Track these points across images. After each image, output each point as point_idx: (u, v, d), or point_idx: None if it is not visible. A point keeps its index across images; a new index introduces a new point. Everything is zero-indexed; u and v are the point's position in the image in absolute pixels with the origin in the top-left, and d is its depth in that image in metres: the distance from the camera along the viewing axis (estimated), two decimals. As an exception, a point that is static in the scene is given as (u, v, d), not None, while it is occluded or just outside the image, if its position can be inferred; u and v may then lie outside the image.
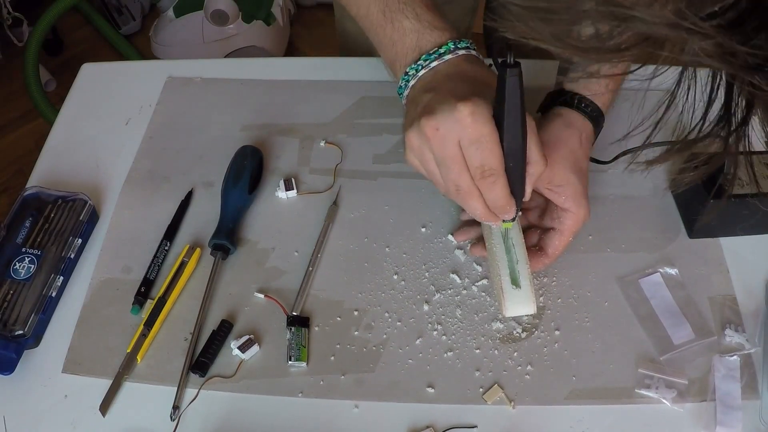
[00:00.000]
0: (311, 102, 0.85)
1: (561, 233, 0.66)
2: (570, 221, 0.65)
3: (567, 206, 0.64)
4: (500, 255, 0.62)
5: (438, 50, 0.60)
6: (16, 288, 0.66)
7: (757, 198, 0.69)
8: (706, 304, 0.68)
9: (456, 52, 0.59)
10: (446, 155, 0.54)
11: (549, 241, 0.66)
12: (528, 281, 0.60)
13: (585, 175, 0.66)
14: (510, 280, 0.60)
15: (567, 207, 0.64)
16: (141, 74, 0.91)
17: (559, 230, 0.66)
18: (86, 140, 0.83)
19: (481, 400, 0.62)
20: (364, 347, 0.65)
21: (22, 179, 1.22)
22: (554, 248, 0.66)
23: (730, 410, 0.60)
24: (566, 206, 0.64)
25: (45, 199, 0.73)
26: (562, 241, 0.66)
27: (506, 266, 0.61)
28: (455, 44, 0.60)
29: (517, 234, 0.63)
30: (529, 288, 0.60)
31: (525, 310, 0.61)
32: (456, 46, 0.60)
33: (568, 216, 0.65)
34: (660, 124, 0.53)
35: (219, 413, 0.62)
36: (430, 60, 0.59)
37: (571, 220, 0.65)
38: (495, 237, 0.63)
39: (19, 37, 1.97)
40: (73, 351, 0.65)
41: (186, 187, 0.77)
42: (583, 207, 0.65)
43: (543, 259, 0.67)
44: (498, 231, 0.63)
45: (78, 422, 0.61)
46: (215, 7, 1.94)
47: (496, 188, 0.55)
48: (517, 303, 0.60)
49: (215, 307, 0.68)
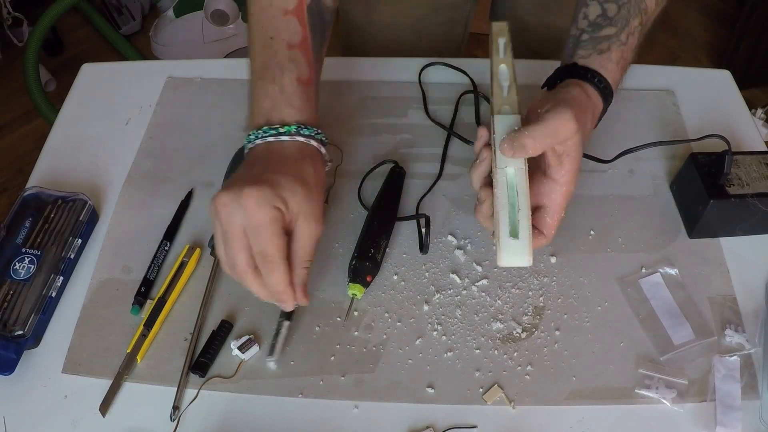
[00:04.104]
0: (311, 102, 0.85)
1: (553, 212, 0.61)
2: (560, 197, 0.60)
3: (563, 180, 0.60)
4: (502, 202, 0.58)
5: (278, 128, 0.59)
6: (16, 288, 0.66)
7: (757, 198, 0.69)
8: (706, 304, 0.68)
9: (295, 137, 0.59)
10: (230, 233, 0.55)
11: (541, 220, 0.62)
12: (527, 233, 0.57)
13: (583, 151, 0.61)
14: (509, 230, 0.57)
15: (562, 181, 0.60)
16: (141, 74, 0.92)
17: (550, 208, 0.61)
18: (86, 140, 0.83)
19: (481, 401, 0.62)
20: (364, 347, 0.65)
21: (22, 179, 1.22)
22: (549, 228, 0.62)
23: (730, 410, 0.60)
24: (562, 180, 0.60)
25: (45, 200, 0.73)
26: (555, 219, 0.61)
27: (506, 215, 0.58)
28: (298, 128, 0.60)
29: (522, 182, 0.58)
30: (526, 240, 0.57)
31: (519, 261, 0.57)
32: (298, 131, 0.60)
33: (558, 192, 0.60)
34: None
35: (219, 413, 0.62)
36: (268, 134, 0.59)
37: (562, 196, 0.60)
38: (501, 183, 0.59)
39: (19, 37, 1.97)
40: (73, 351, 0.65)
41: (186, 187, 0.77)
42: (575, 183, 0.60)
43: (539, 239, 0.62)
44: (504, 178, 0.59)
45: (78, 422, 0.61)
46: (215, 7, 1.95)
47: (273, 275, 0.55)
48: (513, 254, 0.57)
49: (215, 307, 0.68)
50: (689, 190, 0.73)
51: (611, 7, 0.66)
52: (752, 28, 1.94)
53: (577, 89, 0.62)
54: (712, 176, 0.70)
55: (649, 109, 0.85)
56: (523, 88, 0.64)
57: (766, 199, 0.69)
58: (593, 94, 0.63)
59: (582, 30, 0.66)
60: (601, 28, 0.65)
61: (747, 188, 0.69)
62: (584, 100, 0.61)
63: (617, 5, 0.66)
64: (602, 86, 0.63)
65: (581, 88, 0.62)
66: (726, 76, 0.90)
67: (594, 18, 0.66)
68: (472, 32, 1.10)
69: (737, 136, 0.81)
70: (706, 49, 2.22)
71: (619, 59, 0.65)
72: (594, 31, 0.65)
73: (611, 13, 0.65)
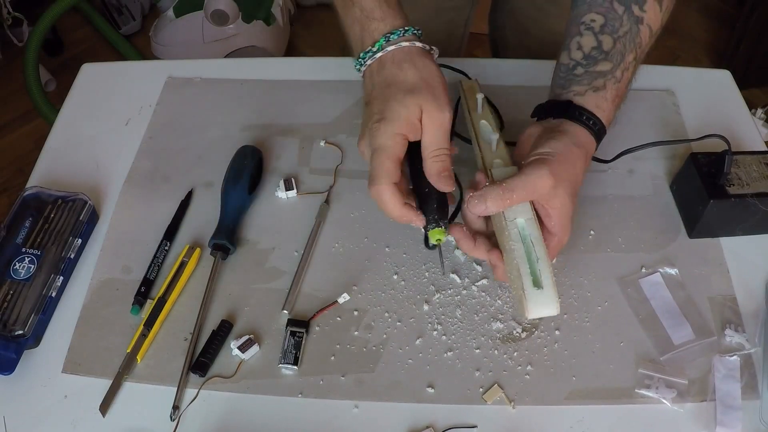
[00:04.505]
0: (311, 102, 0.85)
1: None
2: (552, 244, 0.61)
3: (554, 230, 0.61)
4: (519, 254, 0.58)
5: (371, 49, 0.63)
6: (16, 288, 0.66)
7: (757, 198, 0.69)
8: (706, 304, 0.68)
9: (386, 48, 0.62)
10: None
11: None
12: (550, 280, 0.57)
13: (576, 197, 0.62)
14: (531, 281, 0.57)
15: (554, 231, 0.61)
16: (141, 74, 0.92)
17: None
18: (86, 140, 0.83)
19: (481, 400, 0.62)
20: (364, 347, 0.65)
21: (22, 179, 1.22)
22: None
23: (730, 410, 0.60)
24: (554, 230, 0.61)
25: (45, 199, 0.73)
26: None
27: (527, 266, 0.57)
28: (386, 38, 0.62)
29: (534, 231, 0.59)
30: (551, 288, 0.57)
31: (548, 311, 0.57)
32: (387, 40, 0.62)
33: (551, 239, 0.61)
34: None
35: (219, 413, 0.62)
36: (366, 58, 0.63)
37: (554, 243, 0.61)
38: (513, 236, 0.59)
39: (19, 37, 1.97)
40: (73, 351, 0.65)
41: (186, 187, 0.77)
42: (567, 232, 0.61)
43: None
44: (516, 230, 0.59)
45: (78, 422, 0.61)
46: (215, 7, 1.94)
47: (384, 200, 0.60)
48: (540, 304, 0.56)
49: (215, 307, 0.68)
50: (689, 190, 0.73)
51: (607, 40, 0.65)
52: (752, 28, 1.94)
53: (565, 140, 0.62)
54: (712, 176, 0.70)
55: (649, 109, 0.85)
56: (524, 87, 0.64)
57: (766, 199, 0.69)
58: (585, 138, 0.63)
59: (576, 62, 0.66)
60: (597, 63, 0.64)
61: (747, 188, 0.69)
62: (571, 151, 0.61)
63: (613, 39, 0.65)
64: (597, 128, 0.63)
65: (571, 138, 0.62)
66: (726, 76, 0.90)
67: (589, 50, 0.65)
68: (472, 32, 1.10)
69: (737, 136, 0.81)
70: (706, 49, 2.21)
71: (614, 97, 0.64)
72: (589, 65, 0.65)
73: (607, 46, 0.65)
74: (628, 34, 0.65)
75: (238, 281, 0.70)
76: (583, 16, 0.67)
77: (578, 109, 0.63)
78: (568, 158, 0.60)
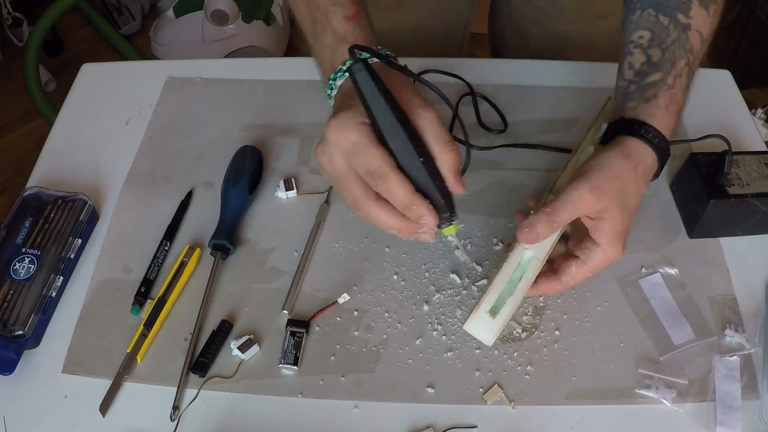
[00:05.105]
0: (311, 102, 0.85)
1: (582, 264, 0.60)
2: (597, 257, 0.59)
3: (601, 242, 0.58)
4: (502, 278, 0.59)
5: (342, 67, 0.59)
6: (16, 288, 0.66)
7: (757, 198, 0.69)
8: (706, 304, 0.68)
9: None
10: (337, 174, 0.54)
11: (566, 268, 0.60)
12: (503, 319, 0.58)
13: (630, 214, 0.60)
14: (491, 307, 0.58)
15: (600, 242, 0.59)
16: (141, 74, 0.92)
17: (582, 261, 0.60)
18: (86, 140, 0.83)
19: (481, 400, 0.62)
20: (364, 347, 0.65)
21: (22, 179, 1.22)
22: (569, 276, 0.60)
23: (730, 410, 0.60)
24: (600, 241, 0.58)
25: (45, 200, 0.73)
26: (581, 272, 0.60)
27: (497, 293, 0.58)
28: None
29: (531, 271, 0.59)
30: (500, 323, 0.58)
31: (483, 337, 0.58)
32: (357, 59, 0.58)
33: (597, 251, 0.59)
34: None
35: (219, 413, 0.62)
36: (337, 78, 0.59)
37: (599, 256, 0.59)
38: (513, 260, 0.59)
39: (19, 37, 1.97)
40: (73, 351, 0.65)
41: (186, 187, 0.77)
42: (615, 248, 0.59)
43: (554, 284, 0.61)
44: (518, 258, 0.59)
45: (78, 422, 0.61)
46: (215, 7, 1.94)
47: (392, 188, 0.52)
48: (481, 328, 0.58)
49: (215, 307, 0.68)
50: (689, 190, 0.73)
51: (655, 53, 0.64)
52: (752, 28, 1.94)
53: (613, 151, 0.60)
54: (712, 176, 0.70)
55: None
56: (524, 87, 0.64)
57: (766, 199, 0.69)
58: (638, 147, 0.60)
59: (629, 81, 0.65)
60: (647, 75, 0.63)
61: (747, 188, 0.69)
62: (617, 162, 0.59)
63: (661, 49, 0.63)
64: (650, 135, 0.61)
65: (621, 148, 0.60)
66: (726, 76, 0.90)
67: (639, 66, 0.64)
68: (472, 32, 1.10)
69: (737, 136, 0.81)
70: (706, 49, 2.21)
71: (668, 104, 0.62)
72: (641, 80, 0.64)
73: (655, 58, 0.63)
74: (677, 42, 0.64)
75: (238, 281, 0.70)
76: (631, 35, 0.66)
77: (629, 122, 0.62)
78: (613, 169, 0.58)
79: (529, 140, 0.82)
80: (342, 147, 0.52)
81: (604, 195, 0.57)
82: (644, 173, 0.61)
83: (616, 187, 0.58)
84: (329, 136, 0.53)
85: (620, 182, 0.58)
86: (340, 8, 0.61)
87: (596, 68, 0.88)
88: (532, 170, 0.79)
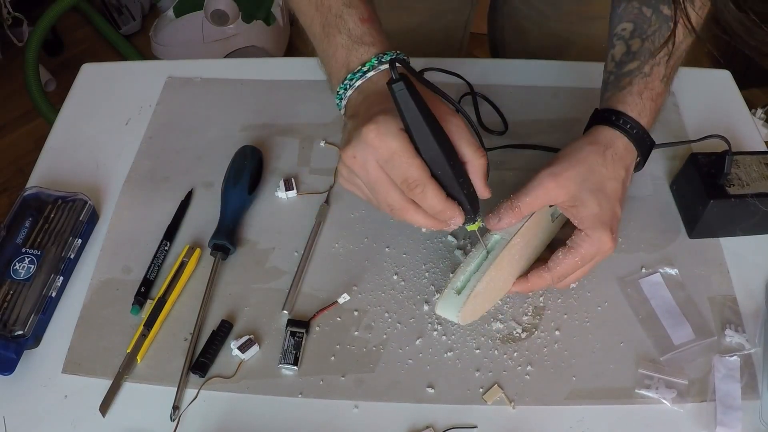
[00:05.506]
0: (311, 102, 0.85)
1: (569, 250, 0.61)
2: (585, 244, 0.60)
3: (582, 227, 0.60)
4: (468, 261, 0.61)
5: (362, 68, 0.59)
6: (16, 288, 0.66)
7: (757, 198, 0.69)
8: (706, 304, 0.68)
9: (378, 67, 0.58)
10: (371, 179, 0.55)
11: (554, 255, 0.62)
12: (468, 293, 0.59)
13: (610, 199, 0.61)
14: (457, 286, 0.60)
15: (582, 228, 0.60)
16: (141, 74, 0.92)
17: (569, 246, 0.61)
18: (86, 140, 0.83)
19: (481, 401, 0.62)
20: (364, 347, 0.65)
21: (22, 179, 1.22)
22: (556, 261, 0.61)
23: (730, 410, 0.60)
24: (581, 227, 0.60)
25: (45, 200, 0.73)
26: (568, 258, 0.61)
27: (464, 272, 0.60)
28: (379, 59, 0.59)
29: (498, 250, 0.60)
30: (465, 300, 0.59)
31: (449, 315, 0.60)
32: (380, 60, 0.59)
33: (582, 237, 0.60)
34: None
35: (219, 413, 0.62)
36: (355, 79, 0.59)
37: (586, 244, 0.60)
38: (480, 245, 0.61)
39: (19, 37, 1.97)
40: (73, 351, 0.65)
41: (186, 187, 0.77)
42: (600, 233, 0.59)
43: (542, 272, 0.62)
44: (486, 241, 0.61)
45: (78, 422, 0.61)
46: (215, 7, 1.94)
47: (427, 196, 0.54)
48: (447, 306, 0.60)
49: (215, 307, 0.68)
50: (689, 190, 0.73)
51: (635, 43, 0.65)
52: (752, 28, 1.94)
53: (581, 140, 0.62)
54: (712, 176, 0.70)
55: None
56: (524, 87, 0.64)
57: (766, 199, 0.69)
58: (606, 134, 0.62)
59: (609, 72, 0.66)
60: (625, 65, 0.64)
61: (747, 188, 0.69)
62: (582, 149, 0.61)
63: (641, 39, 0.64)
64: (621, 122, 0.62)
65: (589, 137, 0.62)
66: (726, 76, 0.90)
67: (620, 58, 0.65)
68: (472, 32, 1.10)
69: (737, 136, 0.81)
70: (706, 49, 2.21)
71: (641, 90, 0.63)
72: (619, 70, 0.64)
73: (635, 48, 0.64)
74: (657, 32, 0.64)
75: (238, 281, 0.70)
76: (615, 28, 0.67)
77: (602, 111, 0.63)
78: (579, 155, 0.60)
79: (529, 141, 0.82)
80: (380, 153, 0.53)
81: (568, 181, 0.59)
82: (616, 157, 0.62)
83: (581, 172, 0.59)
84: (368, 140, 0.53)
85: (586, 167, 0.60)
86: (354, 10, 0.61)
87: (596, 68, 0.87)
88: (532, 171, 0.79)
